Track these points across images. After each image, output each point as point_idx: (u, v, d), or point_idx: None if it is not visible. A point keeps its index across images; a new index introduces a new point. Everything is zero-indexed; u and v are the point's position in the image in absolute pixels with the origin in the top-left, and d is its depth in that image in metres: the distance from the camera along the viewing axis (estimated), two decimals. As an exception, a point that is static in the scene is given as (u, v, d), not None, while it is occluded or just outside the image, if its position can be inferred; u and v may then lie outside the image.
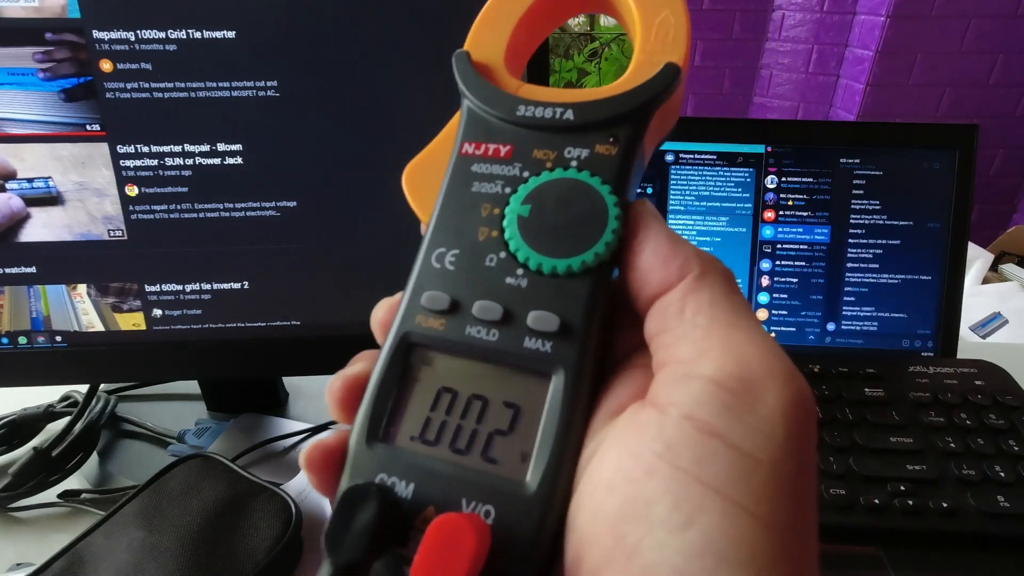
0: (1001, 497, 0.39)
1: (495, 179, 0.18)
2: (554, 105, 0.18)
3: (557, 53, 2.76)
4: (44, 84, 0.38)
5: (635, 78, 0.18)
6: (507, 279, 0.17)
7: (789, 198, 0.53)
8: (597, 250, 0.16)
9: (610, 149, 0.17)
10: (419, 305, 0.17)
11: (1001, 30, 1.92)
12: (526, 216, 0.17)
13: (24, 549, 0.42)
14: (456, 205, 0.18)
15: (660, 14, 0.19)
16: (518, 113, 0.18)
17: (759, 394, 0.14)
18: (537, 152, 0.18)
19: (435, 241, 0.18)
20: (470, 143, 0.18)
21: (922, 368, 0.49)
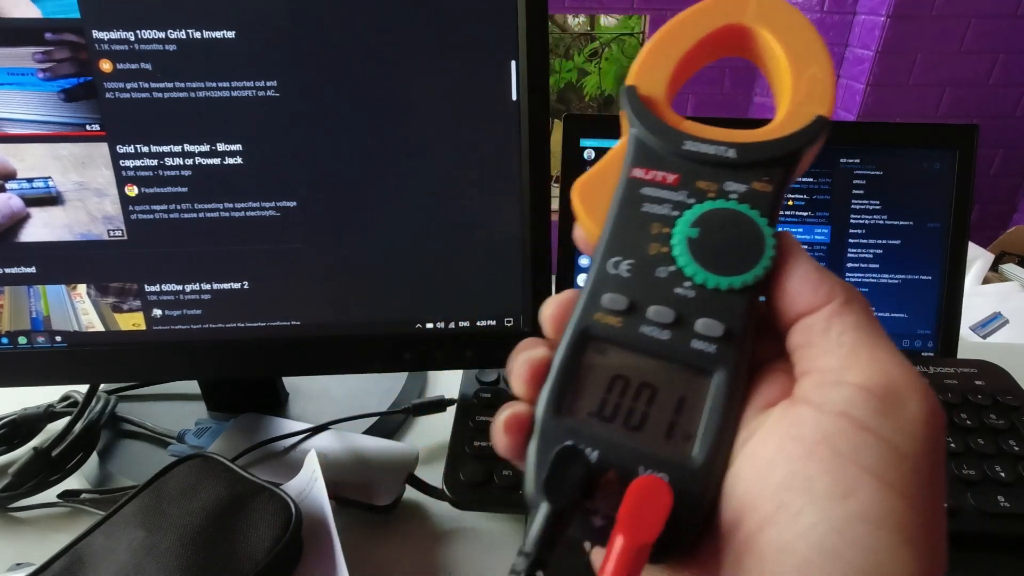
0: (1001, 497, 0.39)
1: (663, 202, 0.20)
2: (717, 143, 0.20)
3: (557, 53, 2.76)
4: (44, 84, 0.38)
5: (788, 125, 0.20)
6: (676, 289, 0.19)
7: (789, 198, 0.53)
8: (756, 272, 0.19)
9: (766, 187, 0.20)
10: (598, 304, 0.19)
11: (1001, 30, 1.92)
12: (695, 237, 0.19)
13: (24, 549, 0.42)
14: (628, 221, 0.20)
15: (809, 70, 0.21)
16: (684, 147, 0.20)
17: (903, 402, 0.16)
18: (700, 183, 0.20)
19: (610, 250, 0.20)
20: (640, 168, 0.21)
21: (922, 368, 0.49)
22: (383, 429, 0.51)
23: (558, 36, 2.77)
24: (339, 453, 0.47)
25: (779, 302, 0.19)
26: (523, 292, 0.45)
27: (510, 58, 0.40)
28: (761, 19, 0.22)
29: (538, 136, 0.41)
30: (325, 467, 0.41)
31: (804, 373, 0.18)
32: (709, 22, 0.22)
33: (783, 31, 0.21)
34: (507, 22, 0.39)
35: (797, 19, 0.22)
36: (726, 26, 0.22)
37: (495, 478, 0.41)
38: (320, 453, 0.43)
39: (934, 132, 0.53)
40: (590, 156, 0.54)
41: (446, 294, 0.45)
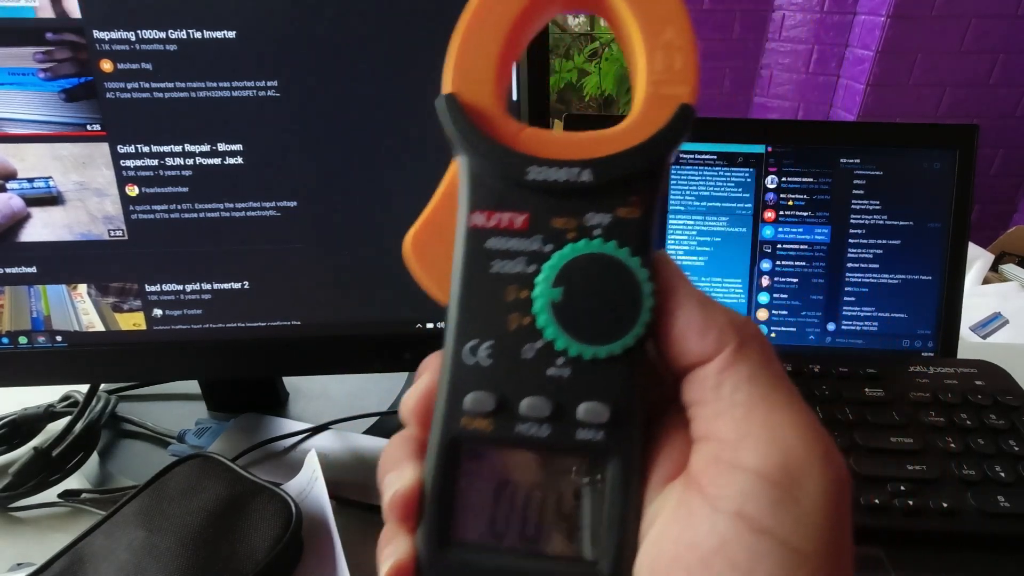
0: (1001, 497, 0.39)
1: (515, 255, 0.17)
2: (568, 164, 0.17)
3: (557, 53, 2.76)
4: (44, 84, 0.38)
5: (648, 122, 0.17)
6: (548, 370, 0.16)
7: (789, 198, 0.53)
8: (636, 332, 0.16)
9: (633, 211, 0.16)
10: (461, 407, 0.16)
11: (1001, 30, 1.92)
12: (558, 300, 0.16)
13: (24, 549, 0.42)
14: (478, 289, 0.17)
15: (663, 34, 0.17)
16: (529, 177, 0.17)
17: (802, 483, 0.15)
18: (556, 221, 0.17)
19: (463, 332, 0.17)
20: (479, 212, 0.17)
21: (922, 368, 0.49)
22: (383, 429, 0.51)
23: (558, 36, 2.77)
24: (339, 453, 0.47)
25: (667, 349, 0.17)
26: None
27: (510, 58, 0.40)
28: None
29: (538, 136, 0.41)
30: (325, 467, 0.41)
31: (700, 439, 0.16)
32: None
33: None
34: (507, 22, 0.39)
35: None
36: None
37: (495, 478, 0.41)
38: (320, 453, 0.44)
39: (934, 132, 0.53)
40: (590, 156, 0.54)
41: (446, 294, 0.45)
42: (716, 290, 0.54)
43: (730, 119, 0.56)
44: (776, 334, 0.54)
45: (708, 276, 0.54)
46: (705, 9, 2.19)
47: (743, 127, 0.53)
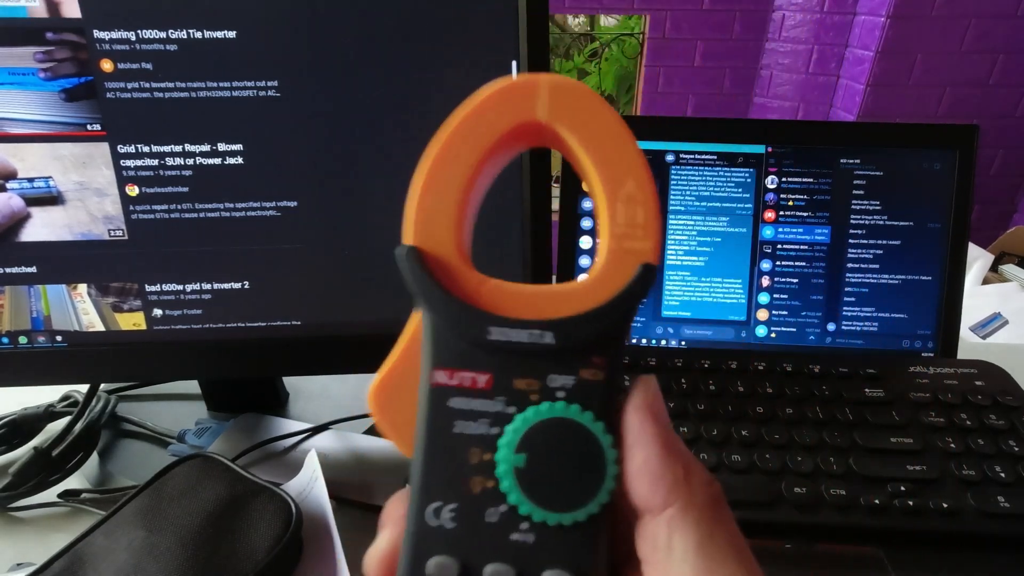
0: (1001, 497, 0.39)
1: (478, 416, 0.17)
2: (529, 326, 0.17)
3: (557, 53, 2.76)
4: (45, 84, 0.38)
5: (610, 278, 0.17)
6: (512, 535, 0.16)
7: (789, 198, 0.53)
8: (600, 500, 0.16)
9: (596, 373, 0.17)
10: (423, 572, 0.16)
11: (1001, 30, 1.92)
12: (521, 465, 0.16)
13: (24, 549, 0.42)
14: (440, 449, 0.17)
15: (625, 186, 0.17)
16: (491, 337, 0.17)
17: None
18: (519, 382, 0.17)
19: (427, 492, 0.17)
20: (441, 370, 0.17)
21: (922, 368, 0.49)
22: (383, 429, 0.51)
23: (558, 36, 2.77)
24: (339, 453, 0.47)
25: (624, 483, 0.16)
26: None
27: (510, 58, 0.40)
28: (558, 116, 0.17)
29: (538, 136, 0.41)
30: (325, 467, 0.41)
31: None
32: (491, 129, 0.17)
33: (587, 133, 0.17)
34: (507, 22, 0.39)
35: (604, 116, 0.17)
36: (515, 127, 0.17)
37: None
38: (320, 453, 0.44)
39: (934, 132, 0.53)
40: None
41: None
42: (716, 290, 0.54)
43: (730, 119, 0.56)
44: (776, 334, 0.54)
45: (708, 276, 0.54)
46: (705, 9, 2.19)
47: (743, 127, 0.53)
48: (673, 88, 2.32)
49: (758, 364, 0.49)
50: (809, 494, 0.40)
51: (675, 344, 0.55)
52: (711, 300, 0.54)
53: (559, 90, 0.17)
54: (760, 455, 0.42)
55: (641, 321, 0.54)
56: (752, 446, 0.43)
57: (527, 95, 0.17)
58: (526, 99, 0.17)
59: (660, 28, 2.23)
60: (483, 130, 0.18)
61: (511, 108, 0.17)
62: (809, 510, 0.39)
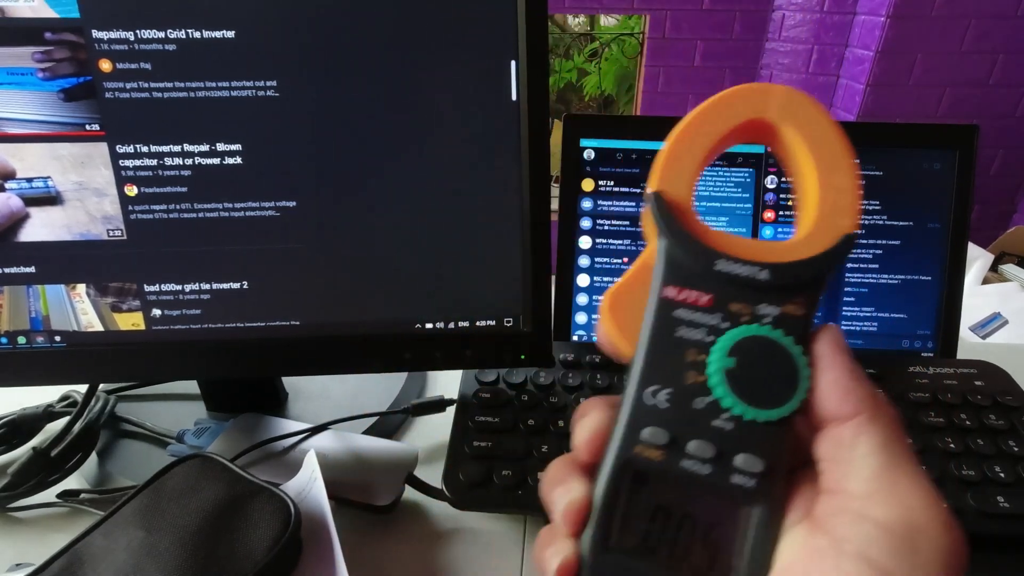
0: (1001, 497, 0.39)
1: (698, 326, 0.20)
2: (750, 264, 0.20)
3: (557, 53, 2.76)
4: (43, 84, 0.38)
5: (817, 242, 0.20)
6: (714, 422, 0.19)
7: (789, 198, 0.53)
8: (792, 406, 0.19)
9: (798, 309, 0.20)
10: (638, 437, 0.20)
11: (1001, 30, 1.92)
12: (731, 368, 0.19)
13: (23, 549, 0.42)
14: (663, 346, 0.20)
15: (835, 178, 0.21)
16: (716, 268, 0.20)
17: (921, 542, 0.17)
18: (734, 305, 0.20)
19: (647, 378, 0.20)
20: (672, 287, 0.20)
21: (922, 368, 0.49)
22: (383, 429, 0.51)
23: (558, 36, 2.77)
24: (339, 453, 0.47)
25: (811, 404, 0.19)
26: (523, 292, 0.45)
27: (510, 58, 0.40)
28: (786, 117, 0.21)
29: (538, 136, 0.41)
30: (325, 467, 0.41)
31: (829, 492, 0.18)
32: (732, 116, 0.22)
33: (809, 132, 0.21)
34: (507, 22, 0.39)
35: (824, 121, 0.21)
36: (749, 120, 0.21)
37: (494, 478, 0.41)
38: (320, 453, 0.43)
39: (934, 132, 0.53)
40: (590, 156, 0.54)
41: (446, 294, 0.45)
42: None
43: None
44: (776, 334, 0.54)
45: (708, 276, 0.54)
46: (705, 9, 2.19)
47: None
48: (673, 88, 2.32)
49: (758, 364, 0.49)
50: (809, 494, 0.39)
51: (675, 344, 0.54)
52: (711, 300, 0.54)
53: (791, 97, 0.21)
54: (760, 455, 0.42)
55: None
56: (752, 446, 0.43)
57: (764, 97, 0.21)
58: (763, 100, 0.21)
59: (660, 28, 2.23)
60: (726, 114, 0.21)
61: (751, 104, 0.21)
62: (809, 510, 0.39)
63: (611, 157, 0.54)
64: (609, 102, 2.92)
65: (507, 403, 0.47)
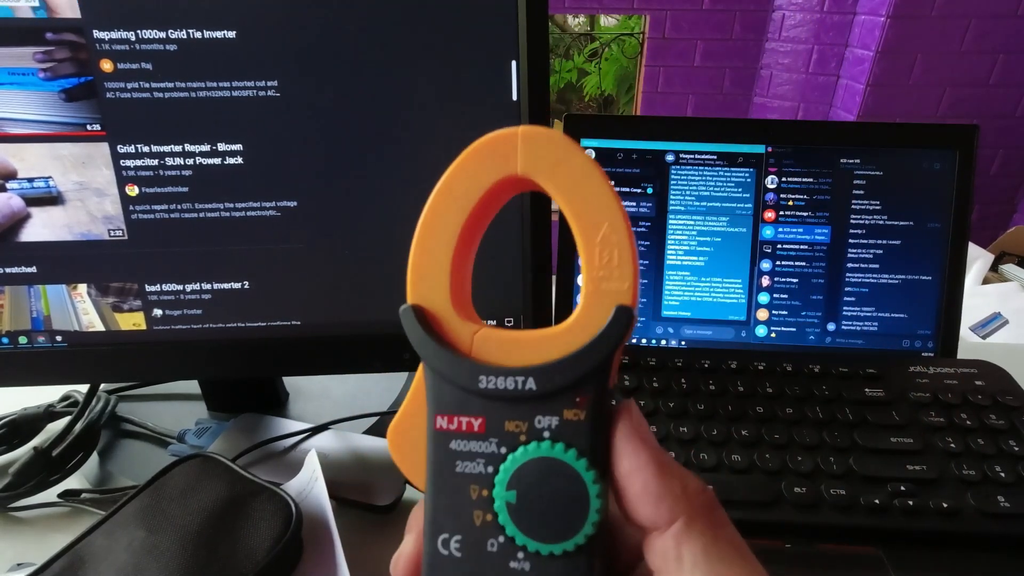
0: (1001, 497, 0.39)
1: (475, 457, 0.18)
2: (514, 374, 0.18)
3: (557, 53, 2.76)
4: (44, 84, 0.38)
5: (588, 321, 0.18)
6: (511, 563, 0.18)
7: (789, 198, 0.53)
8: (586, 532, 0.17)
9: (578, 414, 0.18)
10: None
11: (1001, 30, 1.92)
12: (514, 502, 0.18)
13: (24, 549, 0.42)
14: (446, 486, 0.18)
15: (600, 229, 0.18)
16: (480, 386, 0.18)
17: None
18: (509, 424, 0.18)
19: (437, 525, 0.18)
20: (442, 416, 0.18)
21: (922, 368, 0.49)
22: (383, 429, 0.51)
23: (558, 36, 2.77)
24: (339, 453, 0.47)
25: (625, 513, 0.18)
26: (523, 292, 0.45)
27: (510, 58, 0.40)
28: (533, 167, 0.18)
29: (538, 136, 0.41)
30: (325, 467, 0.41)
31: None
32: (473, 186, 0.19)
33: (563, 182, 0.18)
34: (507, 22, 0.39)
35: (577, 162, 0.18)
36: (499, 181, 0.18)
37: (495, 478, 0.41)
38: (320, 453, 0.44)
39: (934, 132, 0.53)
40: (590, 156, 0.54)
41: (446, 294, 0.45)
42: (716, 290, 0.54)
43: (730, 119, 0.56)
44: (776, 334, 0.54)
45: (708, 276, 0.54)
46: (705, 9, 2.19)
47: (743, 127, 0.53)
48: (673, 88, 2.32)
49: (758, 364, 0.49)
50: (809, 494, 0.40)
51: (675, 344, 0.55)
52: (711, 300, 0.54)
53: (532, 141, 0.18)
54: (760, 455, 0.42)
55: (641, 321, 0.54)
56: (752, 446, 0.43)
57: (504, 150, 0.18)
58: (503, 154, 0.18)
59: (660, 28, 2.23)
60: (467, 189, 0.19)
61: (490, 164, 0.18)
62: (809, 510, 0.39)
63: (611, 157, 0.54)
64: (609, 102, 2.92)
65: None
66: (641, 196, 0.54)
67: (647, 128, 0.54)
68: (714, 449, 0.43)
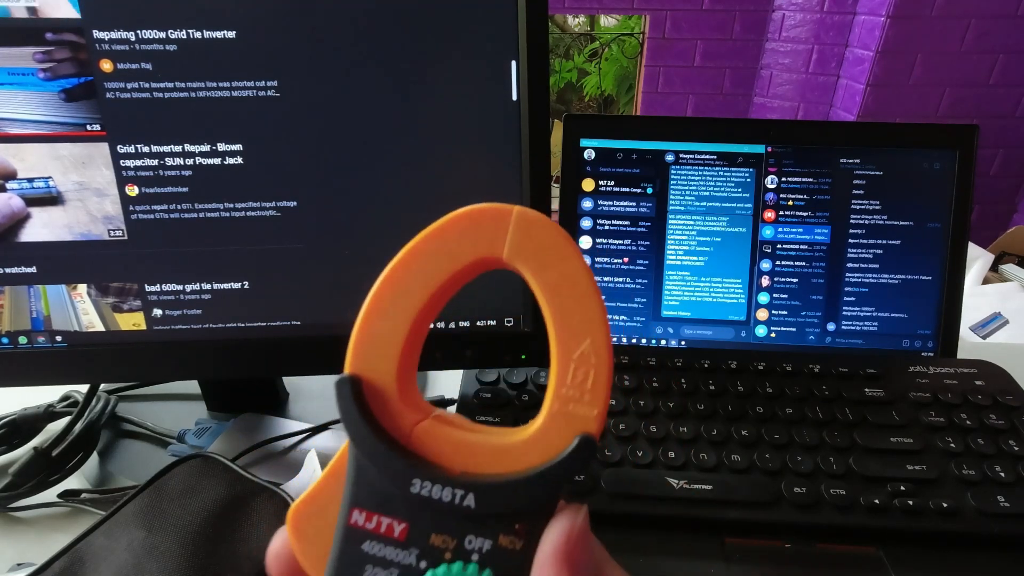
0: (1001, 497, 0.39)
1: (389, 566, 0.16)
2: (453, 485, 0.16)
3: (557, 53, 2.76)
4: (44, 84, 0.38)
5: (545, 443, 0.16)
6: None
7: (789, 198, 0.53)
8: None
9: (515, 542, 0.16)
10: None
11: (1001, 30, 1.92)
12: None
13: (24, 549, 0.42)
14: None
15: (581, 345, 0.16)
16: (412, 490, 0.16)
17: None
18: (435, 538, 0.16)
19: None
20: (360, 511, 0.16)
21: (922, 368, 0.49)
22: (383, 429, 0.51)
23: (558, 36, 2.77)
24: (339, 453, 0.47)
25: None
26: (523, 292, 0.45)
27: (510, 58, 0.40)
28: (521, 257, 0.16)
29: (538, 136, 0.41)
30: (325, 467, 0.41)
31: None
32: (449, 259, 0.17)
33: (551, 280, 0.16)
34: (507, 22, 0.39)
35: (570, 263, 0.16)
36: (476, 261, 0.17)
37: (495, 478, 0.41)
38: (320, 453, 0.44)
39: (934, 132, 0.53)
40: (590, 156, 0.54)
41: (446, 294, 0.45)
42: (716, 290, 0.54)
43: (730, 119, 0.57)
44: (776, 334, 0.54)
45: (708, 276, 0.54)
46: (705, 9, 2.19)
47: (743, 127, 0.53)
48: (673, 88, 2.32)
49: (758, 364, 0.49)
50: (809, 494, 0.40)
51: (675, 344, 0.54)
52: (711, 300, 0.54)
53: (525, 228, 0.16)
54: (760, 455, 0.42)
55: (641, 321, 0.54)
56: (752, 446, 0.43)
57: (492, 227, 0.17)
58: (490, 232, 0.17)
59: (660, 28, 2.23)
60: (441, 260, 0.17)
61: (474, 239, 0.17)
62: (809, 510, 0.39)
63: (611, 157, 0.54)
64: (609, 102, 2.92)
65: (508, 403, 0.47)
66: (641, 196, 0.54)
67: (647, 128, 0.54)
68: (714, 449, 0.43)
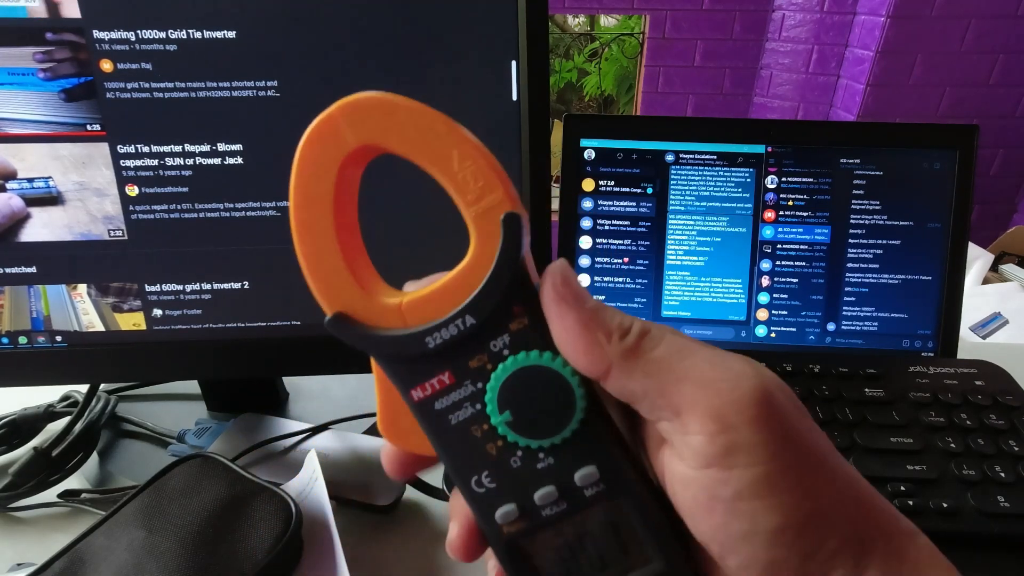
0: (1001, 497, 0.39)
1: (461, 404, 0.19)
2: (452, 320, 0.19)
3: (557, 53, 2.76)
4: (44, 84, 0.38)
5: (485, 244, 0.18)
6: (537, 465, 0.19)
7: (789, 198, 0.53)
8: (579, 417, 0.19)
9: (521, 321, 0.19)
10: (496, 523, 0.19)
11: (1001, 30, 1.92)
12: (512, 419, 0.19)
13: (24, 549, 0.42)
14: (452, 440, 0.19)
15: (451, 160, 0.18)
16: (431, 346, 0.19)
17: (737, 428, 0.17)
18: (472, 362, 0.19)
19: (463, 475, 0.19)
20: (414, 388, 0.19)
21: (922, 368, 0.49)
22: (383, 429, 0.51)
23: (558, 36, 2.77)
24: (339, 453, 0.47)
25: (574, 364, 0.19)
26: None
27: (510, 58, 0.40)
28: (365, 135, 0.18)
29: (538, 136, 0.41)
30: (325, 467, 0.41)
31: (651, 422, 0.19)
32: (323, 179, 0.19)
33: (397, 135, 0.18)
34: (507, 22, 0.39)
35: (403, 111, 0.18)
36: (342, 162, 0.19)
37: (495, 478, 0.41)
38: (320, 453, 0.44)
39: (934, 132, 0.53)
40: (590, 156, 0.54)
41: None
42: (716, 290, 0.54)
43: (730, 119, 0.57)
44: (776, 334, 0.54)
45: (708, 276, 0.54)
46: (705, 9, 2.19)
47: (743, 127, 0.53)
48: (673, 88, 2.32)
49: (758, 364, 0.49)
50: (809, 494, 0.40)
51: (675, 344, 0.54)
52: (711, 300, 0.54)
53: (351, 113, 0.18)
54: (760, 455, 0.42)
55: (641, 321, 0.54)
56: (752, 446, 0.43)
57: (329, 132, 0.18)
58: (331, 136, 0.18)
59: (660, 28, 2.23)
60: (317, 186, 0.19)
61: (324, 151, 0.19)
62: (809, 510, 0.39)
63: (611, 157, 0.54)
64: (609, 102, 2.92)
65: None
66: (641, 196, 0.54)
67: (647, 128, 0.54)
68: (714, 449, 0.43)
